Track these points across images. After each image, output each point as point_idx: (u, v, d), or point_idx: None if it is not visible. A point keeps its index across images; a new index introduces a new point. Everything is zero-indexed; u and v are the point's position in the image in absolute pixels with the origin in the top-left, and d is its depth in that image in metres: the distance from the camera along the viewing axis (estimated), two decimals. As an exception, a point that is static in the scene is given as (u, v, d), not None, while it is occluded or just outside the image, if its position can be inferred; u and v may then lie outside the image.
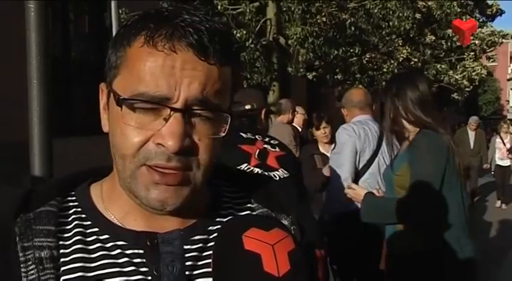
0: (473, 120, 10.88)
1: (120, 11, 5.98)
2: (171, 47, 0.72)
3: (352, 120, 3.58)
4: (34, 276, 0.74)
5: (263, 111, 2.80)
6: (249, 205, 0.89)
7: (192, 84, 0.73)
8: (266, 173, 2.42)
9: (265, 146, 2.53)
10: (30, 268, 0.74)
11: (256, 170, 2.44)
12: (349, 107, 3.67)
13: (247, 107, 2.75)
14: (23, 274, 0.74)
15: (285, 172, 2.45)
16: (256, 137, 2.58)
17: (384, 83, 12.06)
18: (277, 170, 2.45)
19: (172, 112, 0.72)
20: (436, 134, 2.37)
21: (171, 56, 0.72)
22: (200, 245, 0.80)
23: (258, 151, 2.51)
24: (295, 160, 2.63)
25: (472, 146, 10.40)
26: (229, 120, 0.77)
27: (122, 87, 0.75)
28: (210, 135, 0.76)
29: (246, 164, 2.47)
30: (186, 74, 0.72)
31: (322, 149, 4.38)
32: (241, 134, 2.41)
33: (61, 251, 0.77)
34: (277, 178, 2.41)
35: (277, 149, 2.51)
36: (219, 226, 0.83)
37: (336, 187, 3.40)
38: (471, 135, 10.61)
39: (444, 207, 2.34)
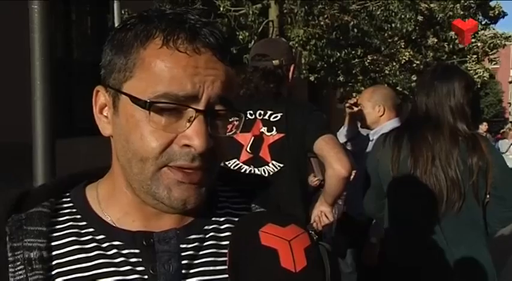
0: None
1: (123, 12, 5.98)
2: (195, 49, 0.73)
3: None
4: (22, 277, 0.74)
5: (291, 68, 2.46)
6: (246, 205, 0.89)
7: (215, 83, 0.74)
8: (256, 170, 2.38)
9: (263, 129, 2.38)
10: (18, 268, 0.74)
11: (245, 168, 2.40)
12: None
13: (275, 62, 2.40)
14: (10, 275, 0.74)
15: (277, 163, 2.37)
16: (256, 115, 2.39)
17: (386, 85, 12.07)
18: (268, 164, 2.38)
19: (197, 113, 0.73)
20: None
21: (194, 57, 0.73)
22: (196, 244, 0.80)
23: (252, 139, 2.39)
24: (292, 140, 2.35)
25: None
26: (243, 119, 0.79)
27: (140, 89, 0.74)
28: (225, 133, 0.78)
29: (235, 160, 2.42)
30: (209, 73, 0.74)
31: None
32: None
33: (55, 252, 0.77)
34: (268, 174, 2.37)
35: (274, 131, 2.36)
36: (215, 226, 0.83)
37: None
38: None
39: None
